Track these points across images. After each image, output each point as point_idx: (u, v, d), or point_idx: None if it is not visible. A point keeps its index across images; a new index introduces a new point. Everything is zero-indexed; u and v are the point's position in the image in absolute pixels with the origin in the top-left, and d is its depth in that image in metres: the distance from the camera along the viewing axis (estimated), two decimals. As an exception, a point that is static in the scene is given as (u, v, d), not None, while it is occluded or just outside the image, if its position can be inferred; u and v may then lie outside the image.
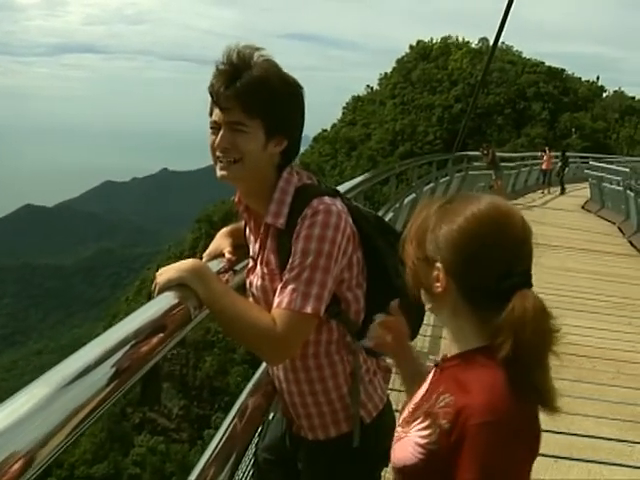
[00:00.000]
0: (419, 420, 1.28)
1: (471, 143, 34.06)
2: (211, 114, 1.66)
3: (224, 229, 2.03)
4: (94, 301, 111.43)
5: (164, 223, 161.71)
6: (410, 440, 1.28)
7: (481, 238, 1.23)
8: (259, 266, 1.76)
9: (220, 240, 1.96)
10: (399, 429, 1.36)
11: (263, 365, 2.32)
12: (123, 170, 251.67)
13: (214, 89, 1.62)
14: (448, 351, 1.35)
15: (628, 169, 17.32)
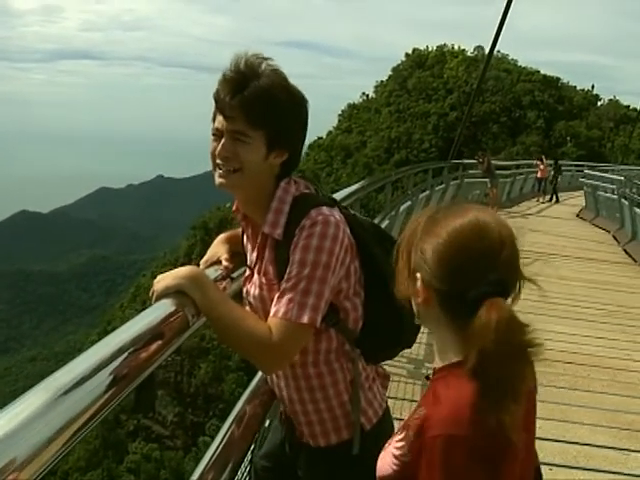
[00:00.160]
0: (399, 432, 1.29)
1: (466, 151, 34.19)
2: (214, 120, 1.65)
3: (221, 236, 2.02)
4: (88, 308, 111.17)
5: (159, 230, 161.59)
6: (388, 451, 1.30)
7: (453, 249, 1.23)
8: (256, 275, 1.76)
9: (217, 247, 1.95)
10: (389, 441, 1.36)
11: (259, 373, 2.32)
12: (118, 176, 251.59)
13: (219, 97, 1.61)
14: (435, 362, 1.34)
15: (623, 177, 17.32)
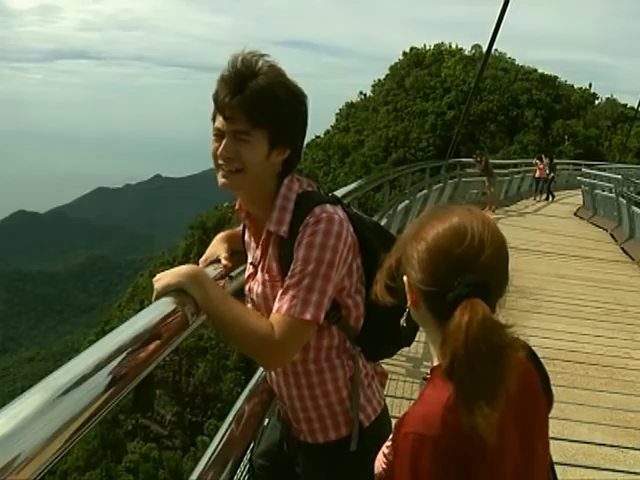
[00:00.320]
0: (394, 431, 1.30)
1: (464, 150, 34.23)
2: (214, 120, 1.65)
3: (220, 234, 2.02)
4: (86, 308, 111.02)
5: (157, 229, 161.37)
6: (381, 450, 1.32)
7: (433, 252, 1.23)
8: (260, 272, 1.76)
9: (216, 246, 1.96)
10: None
11: (259, 372, 2.32)
12: (116, 176, 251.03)
13: (219, 97, 1.61)
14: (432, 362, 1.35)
15: (620, 176, 17.38)
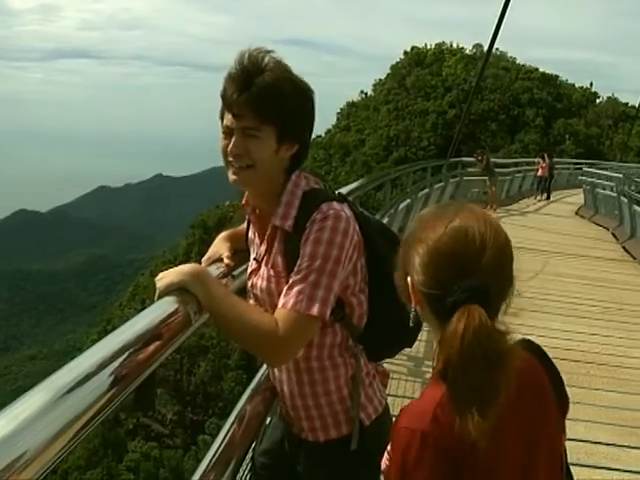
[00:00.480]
0: None
1: (465, 149, 34.19)
2: (222, 118, 1.67)
3: (223, 233, 2.03)
4: (87, 306, 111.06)
5: (158, 228, 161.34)
6: (388, 446, 1.33)
7: (433, 255, 1.22)
8: (264, 268, 1.77)
9: (219, 245, 1.97)
10: None
11: (261, 371, 2.32)
12: (117, 175, 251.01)
13: (226, 95, 1.62)
14: None
15: (621, 175, 17.37)
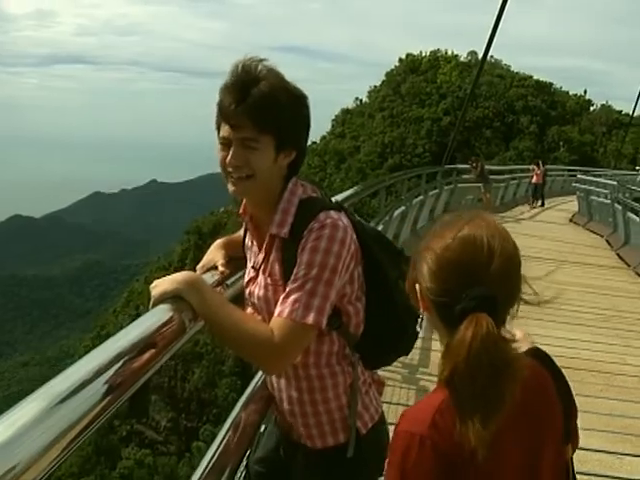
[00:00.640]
0: None
1: (460, 156, 34.26)
2: (218, 129, 1.66)
3: (218, 241, 2.03)
4: (82, 312, 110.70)
5: (153, 234, 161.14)
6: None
7: (442, 264, 1.24)
8: (261, 276, 1.77)
9: (214, 252, 1.96)
10: None
11: (256, 378, 2.32)
12: (112, 181, 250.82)
13: (223, 106, 1.62)
14: None
15: (615, 182, 17.41)
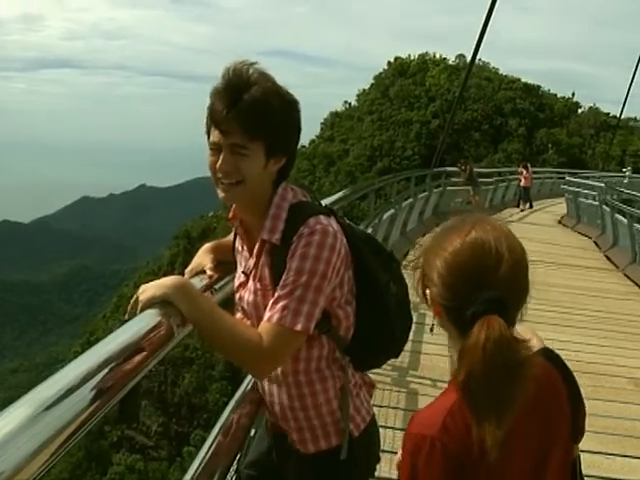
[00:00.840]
0: None
1: (449, 159, 34.33)
2: (208, 134, 1.65)
3: (206, 245, 2.02)
4: (70, 318, 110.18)
5: (141, 239, 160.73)
6: (398, 451, 1.36)
7: (451, 269, 1.25)
8: (251, 281, 1.76)
9: (202, 257, 1.95)
10: None
11: (245, 382, 2.31)
12: (100, 186, 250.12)
13: (214, 111, 1.61)
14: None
15: (603, 184, 17.50)
